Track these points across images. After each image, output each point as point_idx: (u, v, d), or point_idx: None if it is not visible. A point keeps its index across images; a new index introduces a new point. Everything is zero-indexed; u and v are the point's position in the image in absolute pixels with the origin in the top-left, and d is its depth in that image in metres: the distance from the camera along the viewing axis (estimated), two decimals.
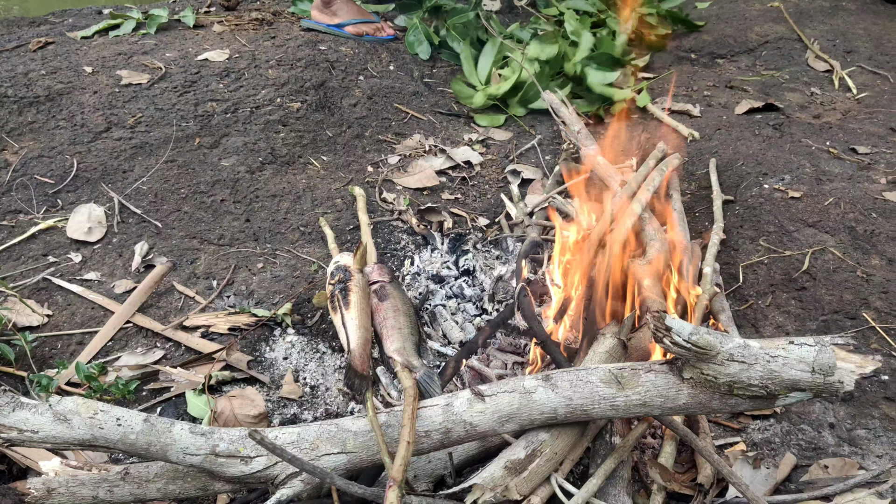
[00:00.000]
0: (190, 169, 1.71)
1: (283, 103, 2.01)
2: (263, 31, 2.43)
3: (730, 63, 2.64)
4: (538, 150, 2.08)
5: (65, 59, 2.08)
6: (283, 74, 2.12)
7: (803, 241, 1.44)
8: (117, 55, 2.13)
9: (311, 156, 1.89)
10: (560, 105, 2.02)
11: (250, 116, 1.92)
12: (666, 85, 2.44)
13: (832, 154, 1.74)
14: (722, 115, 2.16)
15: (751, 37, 2.77)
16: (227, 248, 1.52)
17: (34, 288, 1.38)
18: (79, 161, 1.68)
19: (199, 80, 2.02)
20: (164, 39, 2.29)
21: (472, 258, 1.63)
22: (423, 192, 1.85)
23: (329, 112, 2.06)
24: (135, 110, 1.86)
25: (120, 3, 3.54)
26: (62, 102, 1.87)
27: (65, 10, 3.34)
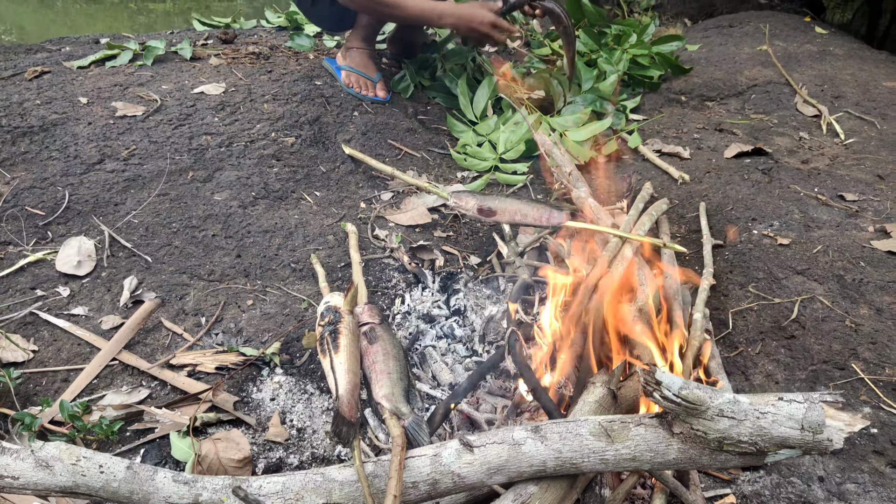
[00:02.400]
0: (182, 203, 1.70)
1: (278, 138, 2.02)
2: (260, 64, 2.45)
3: (719, 106, 2.69)
4: (530, 189, 2.09)
5: (60, 90, 2.09)
6: (278, 109, 2.14)
7: (792, 288, 1.45)
8: (113, 86, 2.14)
9: (304, 191, 1.89)
10: (552, 146, 2.04)
11: (244, 150, 1.93)
12: (657, 126, 2.48)
13: (820, 201, 1.77)
14: (711, 158, 2.19)
15: (740, 80, 2.82)
16: (217, 284, 1.51)
17: (21, 322, 1.37)
18: (71, 193, 1.68)
19: (194, 114, 2.03)
20: (161, 71, 2.30)
21: (464, 297, 1.63)
22: (415, 229, 1.85)
23: (323, 147, 2.07)
24: (129, 142, 1.86)
25: (117, 33, 3.57)
26: (56, 133, 1.88)
27: (62, 38, 3.37)
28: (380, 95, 2.32)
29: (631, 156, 2.27)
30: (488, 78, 2.42)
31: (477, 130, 2.30)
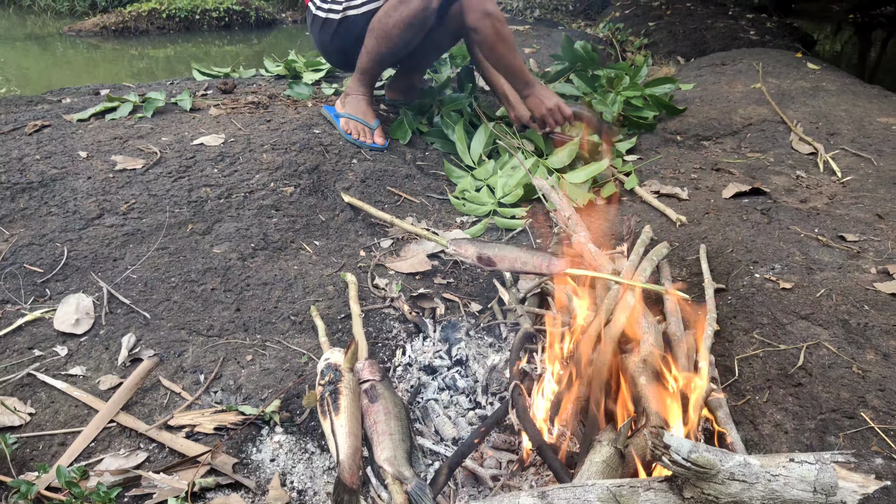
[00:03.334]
0: (181, 256, 1.70)
1: (277, 188, 2.03)
2: (259, 114, 2.47)
3: (715, 145, 2.70)
4: (529, 233, 2.09)
5: (60, 144, 2.11)
6: (277, 158, 2.15)
7: (797, 334, 1.43)
8: (113, 139, 2.16)
9: (303, 241, 1.89)
10: (550, 191, 2.04)
11: (244, 201, 1.93)
12: (654, 167, 2.49)
13: (821, 242, 1.76)
14: (710, 198, 2.19)
15: (735, 119, 2.85)
16: (215, 340, 1.50)
17: (18, 384, 1.35)
18: (69, 249, 1.67)
19: (193, 165, 2.04)
20: (161, 123, 2.32)
21: (465, 347, 1.61)
22: (415, 276, 1.85)
23: (322, 196, 2.07)
24: (128, 196, 1.87)
25: (118, 83, 3.62)
26: (55, 188, 1.88)
27: (62, 89, 3.41)
28: (378, 142, 2.33)
29: (629, 197, 2.28)
30: (484, 124, 2.44)
31: (475, 175, 2.31)
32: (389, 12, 2.13)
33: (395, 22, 2.13)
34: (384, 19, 2.14)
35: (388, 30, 2.15)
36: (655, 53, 5.40)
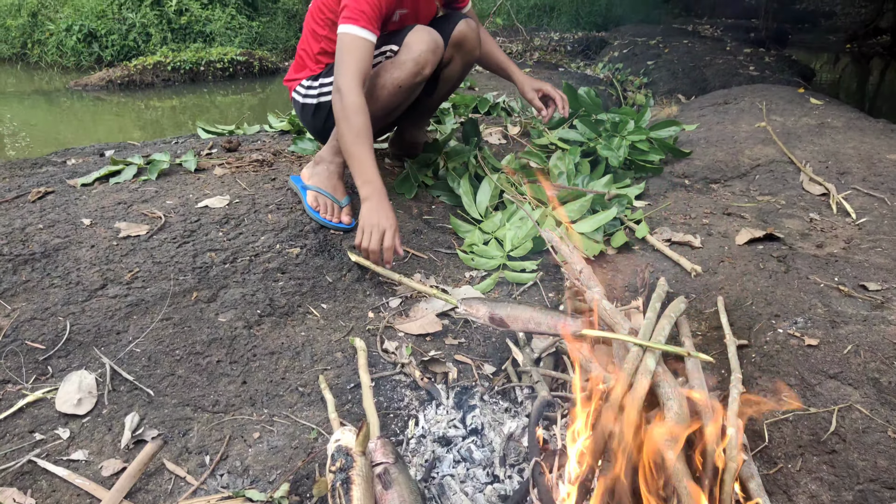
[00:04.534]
0: (186, 327, 1.66)
1: (283, 249, 2.00)
2: (264, 172, 2.46)
3: (724, 188, 2.67)
4: (540, 286, 2.05)
5: (63, 211, 2.09)
6: (282, 219, 2.13)
7: (827, 395, 1.37)
8: (117, 204, 2.14)
9: (310, 304, 1.85)
10: (559, 243, 2.01)
11: (249, 266, 1.90)
12: (664, 212, 2.45)
13: (842, 292, 1.71)
14: (723, 245, 2.15)
15: (743, 161, 2.83)
16: (221, 416, 1.45)
17: (18, 472, 1.30)
18: (72, 323, 1.64)
19: (198, 229, 2.02)
20: (165, 185, 2.31)
21: (480, 413, 1.56)
22: (425, 338, 1.80)
23: (329, 256, 2.04)
24: (132, 264, 1.84)
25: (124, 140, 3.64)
26: (58, 259, 1.85)
27: (67, 149, 3.42)
28: (344, 221, 2.14)
29: (640, 246, 2.24)
30: (488, 177, 2.42)
31: (482, 228, 2.28)
32: (380, 74, 2.07)
33: (384, 83, 2.07)
34: (376, 81, 2.07)
35: (376, 92, 2.07)
36: (656, 92, 5.43)
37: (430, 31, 2.07)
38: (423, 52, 2.03)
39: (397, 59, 2.06)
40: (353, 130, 1.89)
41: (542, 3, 11.99)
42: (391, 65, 2.07)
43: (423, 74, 2.06)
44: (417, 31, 2.06)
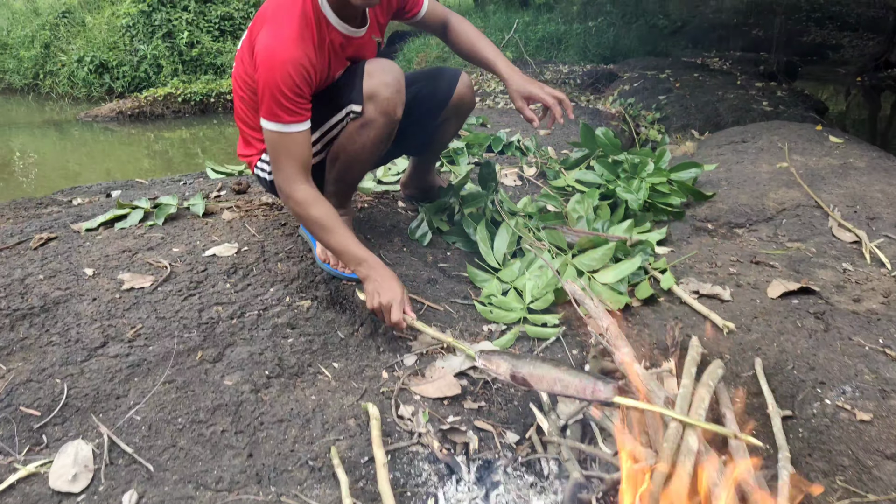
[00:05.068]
0: (189, 391, 1.56)
1: (293, 302, 1.90)
2: (273, 216, 2.38)
3: (750, 233, 2.58)
4: (563, 342, 1.94)
5: (65, 260, 2.01)
6: (292, 268, 2.04)
7: (886, 480, 1.26)
8: (121, 252, 2.06)
9: (321, 363, 1.75)
10: (584, 297, 1.91)
11: (257, 321, 1.80)
12: (688, 260, 2.35)
13: (889, 356, 1.60)
14: (755, 298, 2.05)
15: (767, 204, 2.73)
16: (225, 495, 1.34)
17: None
18: (69, 386, 1.54)
19: (205, 280, 1.93)
20: (172, 231, 2.23)
21: (504, 490, 1.44)
22: (443, 401, 1.69)
23: (341, 308, 1.95)
24: (134, 320, 1.75)
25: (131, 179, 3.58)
26: (58, 313, 1.77)
27: (74, 188, 3.36)
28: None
29: (666, 298, 2.14)
30: (505, 223, 2.33)
31: (500, 277, 2.18)
32: (352, 138, 1.89)
33: (361, 145, 1.90)
34: (347, 146, 1.91)
35: (355, 153, 1.92)
36: (669, 128, 5.37)
37: (385, 68, 1.83)
38: (389, 98, 1.81)
39: (365, 117, 1.84)
40: (318, 225, 1.78)
41: (550, 36, 12.04)
42: (360, 127, 1.86)
43: (395, 119, 1.87)
44: (373, 73, 1.82)
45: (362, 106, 1.82)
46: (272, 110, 1.72)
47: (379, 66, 1.83)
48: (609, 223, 2.53)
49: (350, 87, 1.83)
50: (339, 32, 1.85)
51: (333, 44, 1.84)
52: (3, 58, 11.55)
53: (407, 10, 2.08)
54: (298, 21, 1.73)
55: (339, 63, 1.90)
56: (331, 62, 1.85)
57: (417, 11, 2.10)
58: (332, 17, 1.82)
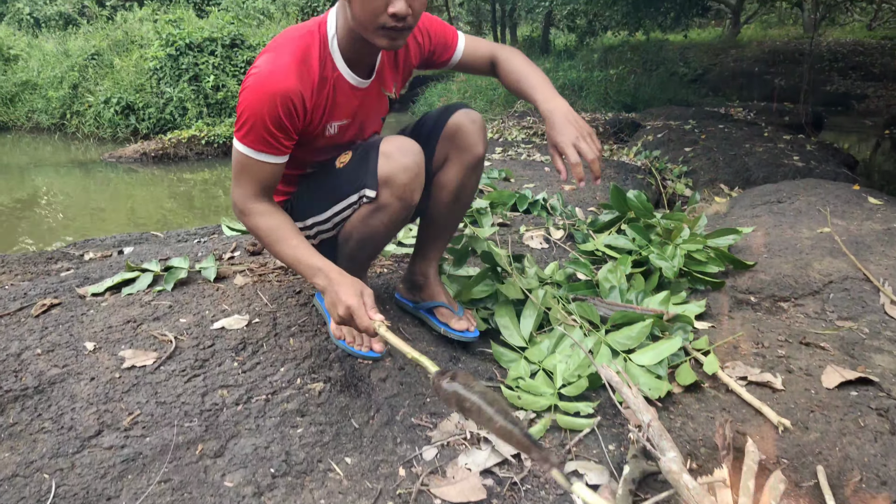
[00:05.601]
0: (186, 493, 1.41)
1: (304, 384, 1.76)
2: (288, 282, 2.26)
3: (795, 308, 2.40)
4: (598, 435, 1.77)
5: (66, 331, 1.89)
6: (305, 344, 1.90)
7: None
8: (125, 323, 1.94)
9: (332, 458, 1.59)
10: (621, 384, 1.74)
11: (265, 407, 1.66)
12: (732, 339, 2.18)
13: None
14: (809, 387, 1.87)
15: (812, 276, 2.56)
16: None
17: None
18: (58, 483, 1.40)
19: (211, 358, 1.80)
20: (181, 299, 2.11)
21: None
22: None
23: (355, 392, 1.80)
24: (133, 405, 1.61)
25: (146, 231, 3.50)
26: (52, 395, 1.64)
27: (87, 240, 3.28)
28: (375, 349, 1.84)
29: (710, 383, 1.96)
30: (531, 301, 2.18)
31: (528, 357, 2.03)
32: (365, 221, 1.74)
33: (374, 228, 1.75)
34: (360, 228, 1.76)
35: (368, 235, 1.78)
36: (696, 181, 5.24)
37: (404, 148, 1.66)
38: (407, 184, 1.64)
39: (379, 202, 1.68)
40: (268, 237, 1.64)
41: (572, 83, 12.08)
42: (373, 211, 1.71)
43: (411, 204, 1.71)
44: (390, 155, 1.64)
45: (377, 191, 1.66)
46: (248, 136, 1.59)
47: (397, 147, 1.65)
48: (643, 294, 2.37)
49: (364, 169, 1.68)
50: (344, 78, 1.74)
51: (337, 88, 1.72)
52: (33, 97, 11.82)
53: (438, 54, 1.93)
54: (301, 55, 1.62)
55: (340, 111, 1.77)
56: (330, 107, 1.73)
57: (450, 56, 1.94)
58: (339, 59, 1.71)
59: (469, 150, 1.82)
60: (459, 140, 1.82)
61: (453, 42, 1.93)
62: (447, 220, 1.99)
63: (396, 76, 1.89)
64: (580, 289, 2.39)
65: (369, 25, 1.56)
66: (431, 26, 1.91)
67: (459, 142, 1.82)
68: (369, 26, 1.56)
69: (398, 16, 1.52)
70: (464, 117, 1.81)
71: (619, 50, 16.27)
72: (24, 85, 12.05)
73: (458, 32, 1.96)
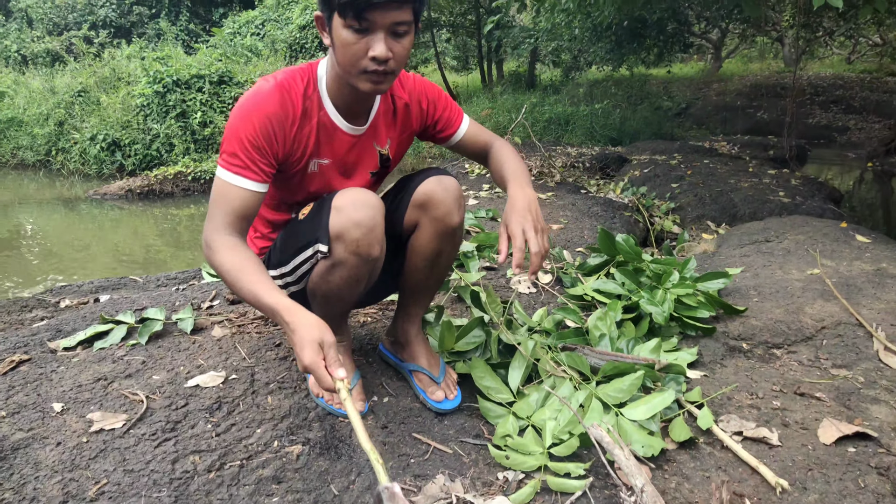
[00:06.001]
0: None
1: (281, 447, 1.68)
2: (268, 334, 2.19)
3: (788, 355, 2.35)
4: (590, 496, 1.69)
5: (33, 391, 1.80)
6: (284, 402, 1.82)
7: None
8: (96, 381, 1.86)
9: None
10: (613, 445, 1.68)
11: (238, 474, 1.58)
12: (726, 394, 2.12)
13: None
14: (806, 442, 1.81)
15: (804, 321, 2.52)
16: None
17: None
18: None
19: (184, 420, 1.71)
20: (155, 353, 2.03)
21: None
22: None
23: (335, 455, 1.72)
24: (100, 473, 1.52)
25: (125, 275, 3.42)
26: (16, 461, 1.55)
27: (64, 286, 3.20)
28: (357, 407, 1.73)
29: (704, 439, 1.90)
30: (519, 353, 2.11)
31: (516, 412, 1.95)
32: (324, 277, 1.67)
33: (336, 285, 1.68)
34: (322, 284, 1.69)
35: (331, 292, 1.70)
36: (684, 218, 5.23)
37: (357, 201, 1.58)
38: (359, 239, 1.57)
39: (334, 258, 1.61)
40: (232, 274, 1.47)
41: (558, 117, 12.19)
42: (330, 267, 1.64)
43: (373, 257, 1.62)
44: (342, 209, 1.57)
45: (329, 246, 1.60)
46: (227, 159, 1.56)
47: (350, 200, 1.58)
48: (634, 341, 2.32)
49: (318, 223, 1.63)
50: (330, 119, 1.71)
51: (321, 127, 1.70)
52: (18, 134, 11.75)
53: (440, 129, 1.91)
54: (286, 84, 1.62)
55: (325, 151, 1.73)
56: (314, 144, 1.70)
57: (452, 133, 1.92)
58: (326, 100, 1.70)
59: (442, 219, 1.75)
60: (431, 209, 1.74)
61: (458, 121, 1.93)
62: (425, 283, 1.92)
63: (392, 132, 1.85)
64: (569, 336, 2.33)
65: (352, 70, 1.55)
66: (439, 99, 1.89)
67: (431, 211, 1.75)
68: (352, 70, 1.55)
69: (378, 59, 1.49)
70: (436, 185, 1.73)
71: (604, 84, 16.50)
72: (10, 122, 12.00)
73: (464, 115, 1.97)
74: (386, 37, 1.49)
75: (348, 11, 1.45)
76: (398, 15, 1.48)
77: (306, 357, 1.31)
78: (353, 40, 1.49)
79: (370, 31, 1.48)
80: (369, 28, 1.48)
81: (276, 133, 1.59)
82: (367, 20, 1.46)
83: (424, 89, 1.87)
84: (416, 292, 1.95)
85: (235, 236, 1.56)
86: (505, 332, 2.19)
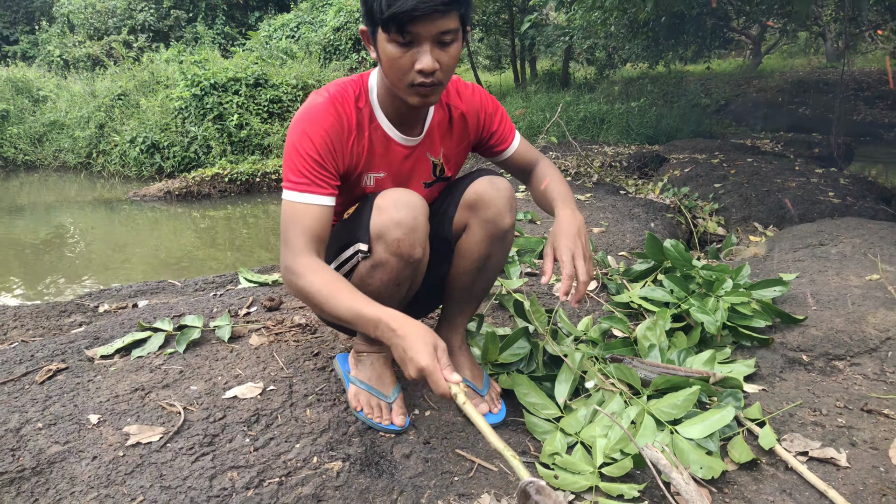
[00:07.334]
0: None
1: (321, 463, 1.62)
2: (306, 342, 2.14)
3: (852, 368, 2.21)
4: None
5: (70, 402, 1.78)
6: (323, 415, 1.76)
7: None
8: (133, 391, 1.83)
9: None
10: (669, 467, 1.57)
11: (277, 492, 1.52)
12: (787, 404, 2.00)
13: None
14: (877, 463, 1.68)
15: (868, 331, 2.37)
16: None
17: None
18: None
19: (222, 433, 1.67)
20: (193, 362, 2.00)
21: None
22: None
23: (377, 471, 1.65)
24: (136, 489, 1.48)
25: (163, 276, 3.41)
26: (51, 476, 1.52)
27: (102, 290, 3.20)
28: (396, 423, 1.75)
29: (767, 459, 1.78)
30: (566, 366, 2.02)
31: (564, 429, 1.86)
32: (364, 279, 1.62)
33: (377, 287, 1.63)
34: (362, 286, 1.62)
35: (375, 293, 1.62)
36: (728, 220, 5.06)
37: (399, 201, 1.55)
38: (400, 239, 1.53)
39: (374, 258, 1.58)
40: (323, 294, 1.42)
41: (593, 116, 11.99)
42: (371, 268, 1.60)
43: (414, 258, 1.58)
44: (383, 208, 1.54)
45: (369, 245, 1.57)
46: (292, 178, 1.52)
47: (391, 200, 1.55)
48: (685, 352, 2.20)
49: (359, 222, 1.60)
50: (383, 130, 1.66)
51: (375, 139, 1.65)
52: (60, 137, 12.03)
53: (493, 143, 1.85)
54: (339, 96, 1.59)
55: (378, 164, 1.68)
56: (367, 157, 1.65)
57: (505, 148, 1.88)
58: (378, 111, 1.65)
59: (493, 221, 1.70)
60: (482, 209, 1.70)
61: (511, 137, 1.89)
62: (472, 288, 1.85)
63: (448, 142, 1.78)
64: (617, 347, 2.23)
65: (399, 84, 1.50)
66: (496, 112, 1.84)
67: (482, 212, 1.70)
68: (400, 85, 1.50)
69: (425, 72, 1.43)
70: (487, 185, 1.69)
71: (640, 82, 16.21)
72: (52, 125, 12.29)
73: (516, 130, 1.92)
74: (432, 48, 1.42)
75: (391, 26, 1.39)
76: (444, 24, 1.40)
77: (423, 359, 1.28)
78: (399, 54, 1.43)
79: (415, 43, 1.42)
80: (414, 41, 1.41)
81: (336, 147, 1.56)
82: (410, 33, 1.40)
83: (483, 101, 1.80)
84: (462, 299, 1.88)
85: (316, 258, 1.51)
86: (551, 343, 2.10)
